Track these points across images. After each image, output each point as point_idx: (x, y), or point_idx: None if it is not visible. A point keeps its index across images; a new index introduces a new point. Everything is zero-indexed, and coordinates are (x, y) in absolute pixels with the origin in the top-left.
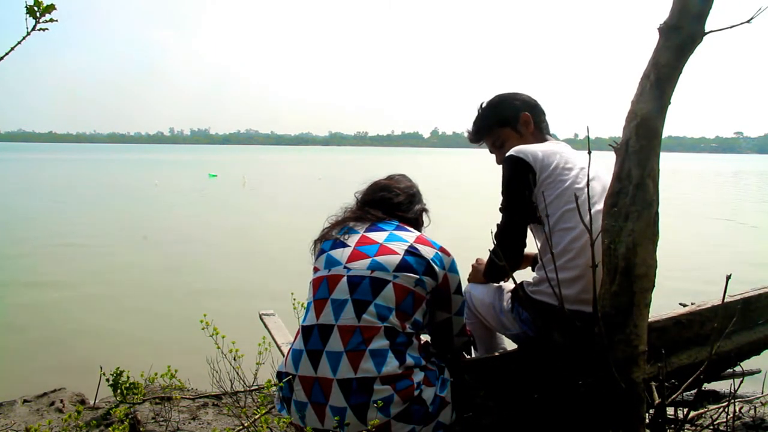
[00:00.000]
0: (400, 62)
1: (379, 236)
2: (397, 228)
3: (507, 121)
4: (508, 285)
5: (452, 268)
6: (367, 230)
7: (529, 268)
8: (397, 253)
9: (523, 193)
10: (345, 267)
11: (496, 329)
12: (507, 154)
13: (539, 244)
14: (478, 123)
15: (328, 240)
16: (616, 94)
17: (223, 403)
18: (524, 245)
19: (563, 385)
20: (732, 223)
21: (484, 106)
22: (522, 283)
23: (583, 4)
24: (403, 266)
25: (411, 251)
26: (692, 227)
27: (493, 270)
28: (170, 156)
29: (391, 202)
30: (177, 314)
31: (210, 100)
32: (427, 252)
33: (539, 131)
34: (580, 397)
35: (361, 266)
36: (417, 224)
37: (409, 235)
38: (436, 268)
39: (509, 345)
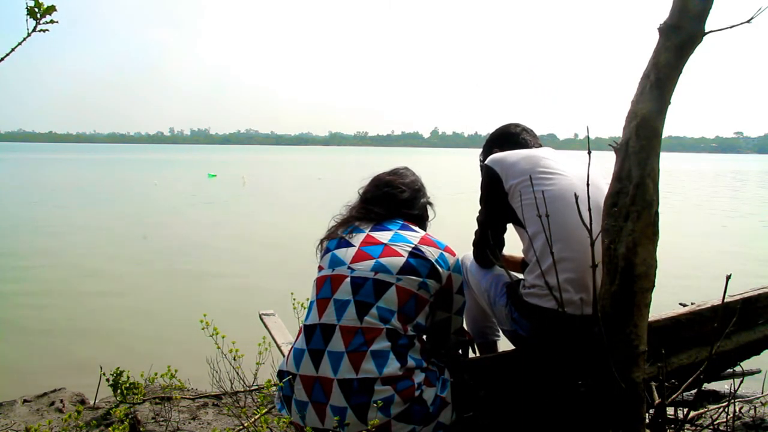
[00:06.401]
0: (400, 62)
1: (384, 236)
2: (402, 227)
3: None
4: (506, 275)
5: (456, 269)
6: (373, 229)
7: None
8: (401, 255)
9: (494, 202)
10: (349, 267)
11: (488, 313)
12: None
13: (523, 248)
14: None
15: (334, 239)
16: (616, 94)
17: (223, 403)
18: (496, 250)
19: (563, 385)
20: (732, 223)
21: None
22: (518, 282)
23: (583, 4)
24: (406, 269)
25: (415, 253)
26: (692, 227)
27: (480, 256)
28: (170, 156)
29: (396, 199)
30: (177, 314)
31: (210, 100)
32: (432, 253)
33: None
34: (580, 397)
35: (365, 267)
36: (422, 219)
37: (414, 236)
38: (441, 269)
39: (507, 344)
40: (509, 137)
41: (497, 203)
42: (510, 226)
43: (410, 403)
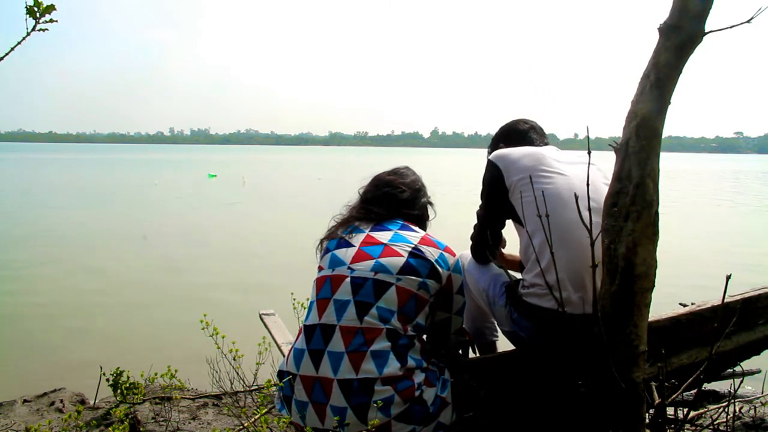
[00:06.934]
0: (400, 62)
1: (383, 236)
2: (402, 227)
3: None
4: (504, 275)
5: (456, 269)
6: (372, 230)
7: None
8: (401, 255)
9: (495, 198)
10: (349, 267)
11: (486, 313)
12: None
13: (520, 246)
14: None
15: (334, 239)
16: (616, 94)
17: (223, 403)
18: (494, 245)
19: (563, 385)
20: (732, 223)
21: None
22: (517, 283)
23: (583, 4)
24: (406, 269)
25: (415, 253)
26: (692, 227)
27: (477, 251)
28: (170, 156)
29: (396, 199)
30: (177, 314)
31: (210, 100)
32: (432, 253)
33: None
34: (580, 397)
35: (364, 267)
36: (422, 219)
37: (414, 236)
38: (440, 269)
39: (507, 344)
40: (516, 134)
41: (498, 199)
42: (509, 224)
43: (410, 403)
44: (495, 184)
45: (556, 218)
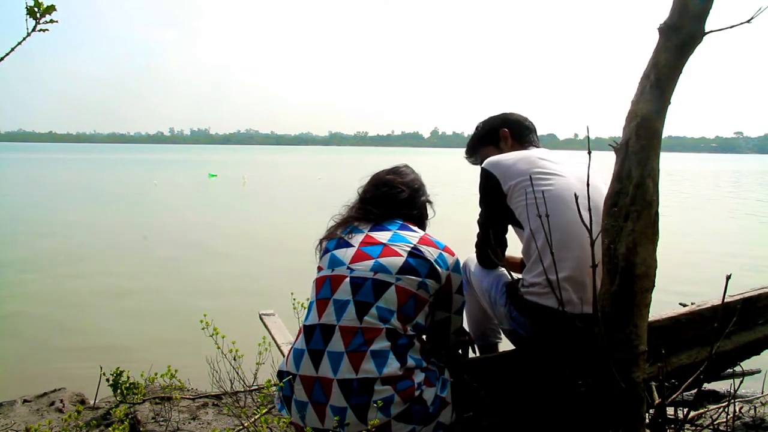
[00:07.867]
0: (400, 62)
1: (383, 236)
2: (401, 227)
3: (489, 139)
4: (507, 276)
5: (456, 268)
6: (372, 230)
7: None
8: (401, 255)
9: (493, 204)
10: (348, 268)
11: (490, 314)
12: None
13: (522, 248)
14: (468, 143)
15: (333, 239)
16: (616, 94)
17: (223, 403)
18: (500, 248)
19: (563, 385)
20: (732, 223)
21: (476, 127)
22: (517, 281)
23: (583, 4)
24: (406, 269)
25: (414, 253)
26: (692, 227)
27: (482, 257)
28: (170, 156)
29: (396, 199)
30: (177, 314)
31: (210, 100)
32: (431, 253)
33: (519, 144)
34: (580, 397)
35: (364, 267)
36: (421, 219)
37: (413, 236)
38: (440, 269)
39: (506, 343)
40: (522, 129)
41: (496, 205)
42: (510, 228)
43: (410, 403)
44: (492, 190)
45: (559, 219)
